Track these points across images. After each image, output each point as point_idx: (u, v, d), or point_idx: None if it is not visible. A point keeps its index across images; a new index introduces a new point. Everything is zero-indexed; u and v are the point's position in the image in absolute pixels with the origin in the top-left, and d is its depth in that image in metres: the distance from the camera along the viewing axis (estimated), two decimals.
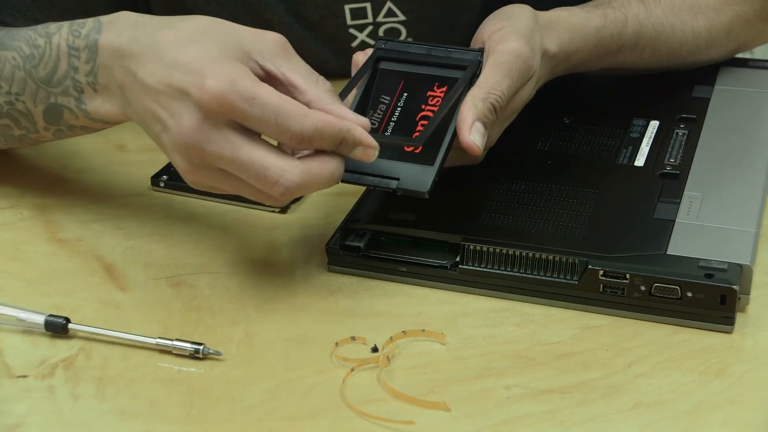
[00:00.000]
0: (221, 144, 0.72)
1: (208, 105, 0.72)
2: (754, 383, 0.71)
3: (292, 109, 0.72)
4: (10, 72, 0.83)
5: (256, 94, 0.72)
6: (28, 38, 0.83)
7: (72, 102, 0.82)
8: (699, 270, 0.75)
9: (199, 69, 0.72)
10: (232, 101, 0.71)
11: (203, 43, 0.74)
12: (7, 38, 0.85)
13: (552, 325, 0.77)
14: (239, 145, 0.72)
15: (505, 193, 0.84)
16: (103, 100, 0.81)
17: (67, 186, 0.93)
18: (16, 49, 0.83)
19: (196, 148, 0.73)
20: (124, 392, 0.71)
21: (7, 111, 0.85)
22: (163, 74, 0.74)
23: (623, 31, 0.93)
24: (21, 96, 0.84)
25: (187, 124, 0.73)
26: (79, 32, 0.81)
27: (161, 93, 0.74)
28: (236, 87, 0.71)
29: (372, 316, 0.78)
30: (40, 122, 0.85)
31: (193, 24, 0.76)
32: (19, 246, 0.86)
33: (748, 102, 0.97)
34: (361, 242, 0.81)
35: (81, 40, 0.80)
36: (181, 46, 0.74)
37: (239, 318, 0.78)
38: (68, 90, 0.82)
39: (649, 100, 0.96)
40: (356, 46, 1.05)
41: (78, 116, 0.83)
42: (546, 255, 0.78)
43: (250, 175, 0.73)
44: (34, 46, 0.83)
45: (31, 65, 0.83)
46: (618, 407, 0.69)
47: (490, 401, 0.70)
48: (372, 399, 0.70)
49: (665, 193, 0.83)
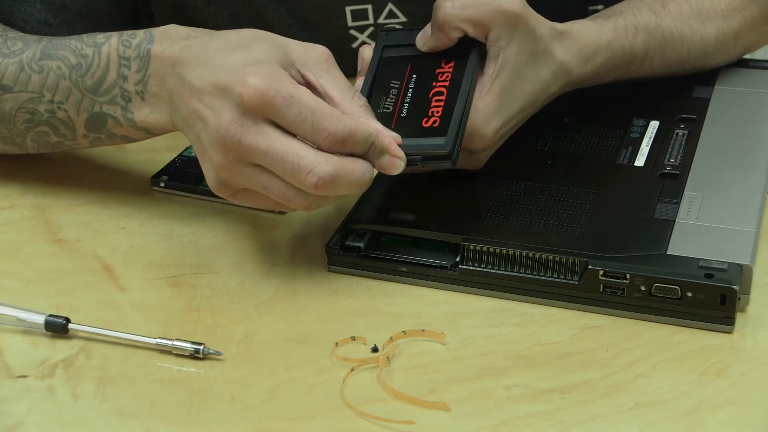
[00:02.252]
0: (258, 136, 0.75)
1: (248, 100, 0.74)
2: (754, 383, 0.71)
3: (328, 111, 0.75)
4: (54, 81, 0.85)
5: (294, 93, 0.74)
6: (74, 48, 0.85)
7: (118, 110, 0.84)
8: (699, 270, 0.75)
9: (243, 69, 0.75)
10: (271, 97, 0.74)
11: (250, 50, 0.78)
12: (51, 48, 0.86)
13: (552, 325, 0.77)
14: (275, 137, 0.75)
15: (505, 193, 0.84)
16: (150, 109, 0.83)
17: (67, 186, 0.93)
18: (62, 59, 0.85)
19: (233, 140, 0.75)
20: (124, 392, 0.71)
21: (47, 119, 0.87)
22: (209, 75, 0.77)
23: (634, 42, 0.92)
24: (63, 104, 0.85)
25: (227, 117, 0.75)
26: (130, 42, 0.83)
27: (206, 92, 0.77)
28: (276, 85, 0.74)
29: (372, 316, 0.78)
30: (80, 130, 0.86)
31: (243, 34, 0.80)
32: (19, 246, 0.86)
33: (748, 102, 0.97)
34: (361, 242, 0.82)
35: (132, 50, 0.83)
36: (229, 52, 0.78)
37: (239, 318, 0.78)
38: (115, 99, 0.84)
39: (649, 100, 0.96)
40: (357, 47, 1.05)
41: (122, 125, 0.85)
42: (546, 255, 0.78)
43: (285, 165, 0.74)
44: (82, 56, 0.84)
45: (78, 74, 0.84)
46: (618, 407, 0.69)
47: (490, 401, 0.70)
48: (372, 399, 0.70)
49: (665, 193, 0.83)
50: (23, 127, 0.88)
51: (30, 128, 0.88)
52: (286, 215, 0.88)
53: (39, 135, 0.88)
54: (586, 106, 0.95)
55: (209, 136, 0.76)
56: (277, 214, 0.88)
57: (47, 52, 0.86)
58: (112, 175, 0.94)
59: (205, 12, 1.04)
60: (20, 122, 0.88)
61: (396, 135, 0.78)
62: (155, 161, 0.94)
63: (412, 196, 0.84)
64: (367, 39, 1.05)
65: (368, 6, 1.04)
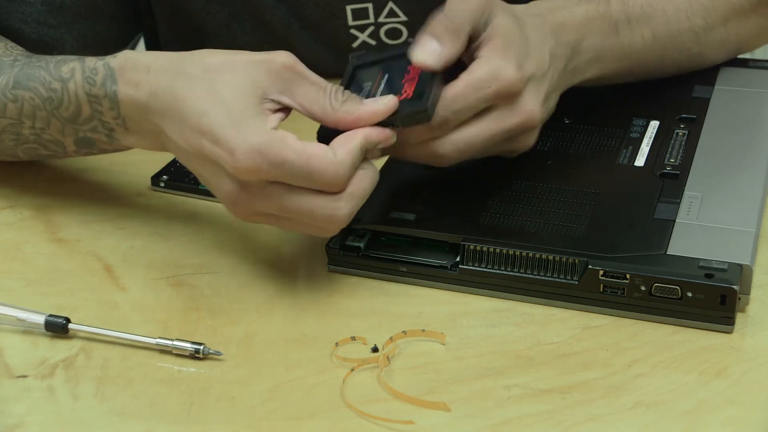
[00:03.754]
0: (265, 200, 0.75)
1: (244, 177, 0.74)
2: (754, 383, 0.71)
3: (322, 162, 0.74)
4: (31, 111, 0.84)
5: (284, 158, 0.73)
6: (42, 80, 0.84)
7: (103, 137, 0.84)
8: (699, 270, 0.75)
9: (225, 141, 0.74)
10: (265, 171, 0.74)
11: (222, 99, 0.75)
12: (22, 77, 0.85)
13: (552, 325, 0.77)
14: (283, 196, 0.75)
15: (505, 193, 0.84)
16: (137, 138, 0.82)
17: (67, 186, 0.93)
18: (33, 90, 0.84)
19: (244, 204, 0.76)
20: (124, 392, 0.71)
21: (33, 139, 0.86)
22: (192, 141, 0.76)
23: (608, 8, 0.91)
24: (47, 130, 0.85)
25: (229, 190, 0.76)
26: (93, 80, 0.81)
27: (196, 156, 0.77)
28: (265, 157, 0.73)
29: (372, 316, 0.78)
30: (70, 147, 0.86)
31: (207, 64, 0.77)
32: (19, 246, 0.86)
33: (748, 102, 0.96)
34: (361, 242, 0.82)
35: (98, 88, 0.81)
36: (201, 109, 0.75)
37: (239, 318, 0.78)
38: (97, 128, 0.83)
39: (649, 100, 0.96)
40: (357, 46, 1.05)
41: (112, 144, 0.84)
42: (546, 255, 0.78)
43: (303, 219, 0.76)
44: (51, 90, 0.83)
45: (52, 107, 0.83)
46: (618, 407, 0.69)
47: (490, 401, 0.70)
48: (372, 399, 0.70)
49: (665, 193, 0.83)
50: (11, 144, 0.88)
51: (18, 145, 0.88)
52: None
53: (29, 150, 0.88)
54: (586, 106, 0.95)
55: (219, 196, 0.77)
56: None
57: (19, 81, 0.85)
58: (112, 175, 0.94)
59: (205, 11, 1.04)
60: (7, 141, 0.87)
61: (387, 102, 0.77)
62: (155, 161, 0.94)
63: (412, 197, 0.84)
64: (367, 38, 1.05)
65: (369, 5, 1.04)
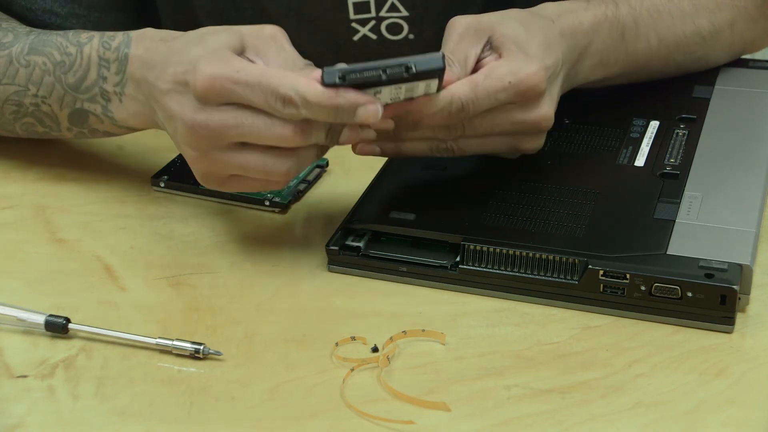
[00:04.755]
0: (223, 115, 0.76)
1: (201, 87, 0.76)
2: (754, 383, 0.71)
3: (275, 72, 0.76)
4: (39, 76, 0.88)
5: (240, 66, 0.76)
6: (59, 45, 0.87)
7: (98, 109, 0.86)
8: (699, 270, 0.75)
9: (195, 61, 0.77)
10: (221, 77, 0.76)
11: (205, 43, 0.79)
12: (38, 43, 0.88)
13: (552, 325, 0.77)
14: (240, 110, 0.76)
15: (505, 193, 0.84)
16: (129, 110, 0.86)
17: (67, 186, 0.93)
18: (47, 55, 0.87)
19: (201, 127, 0.77)
20: (124, 392, 0.71)
21: (32, 111, 0.89)
22: (170, 74, 0.79)
23: (617, 12, 0.92)
24: (47, 99, 0.88)
25: (190, 109, 0.77)
26: (109, 44, 0.85)
27: (170, 91, 0.79)
28: (224, 65, 0.76)
29: (372, 316, 0.78)
30: (64, 123, 0.89)
31: (203, 30, 0.82)
32: (19, 246, 0.86)
33: (748, 102, 0.97)
34: (361, 242, 0.82)
35: (111, 52, 0.85)
36: (187, 49, 0.80)
37: (239, 318, 0.78)
38: (95, 97, 0.86)
39: (649, 100, 0.96)
40: (357, 40, 1.05)
41: (103, 121, 0.87)
42: (546, 255, 0.78)
43: (259, 126, 0.76)
44: (66, 54, 0.87)
45: (61, 71, 0.87)
46: (618, 407, 0.69)
47: (490, 401, 0.70)
48: (372, 399, 0.70)
49: (665, 193, 0.83)
50: (11, 117, 0.90)
51: (17, 118, 0.90)
52: (286, 215, 0.88)
53: (26, 125, 0.91)
54: (586, 106, 0.95)
55: (181, 132, 0.79)
56: (278, 213, 0.88)
57: (34, 47, 0.88)
58: (112, 175, 0.94)
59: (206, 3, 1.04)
60: (8, 113, 0.90)
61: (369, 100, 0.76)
62: (155, 161, 0.94)
63: (412, 196, 0.84)
64: (368, 32, 1.05)
65: None
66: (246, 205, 0.89)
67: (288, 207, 0.89)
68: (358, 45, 1.05)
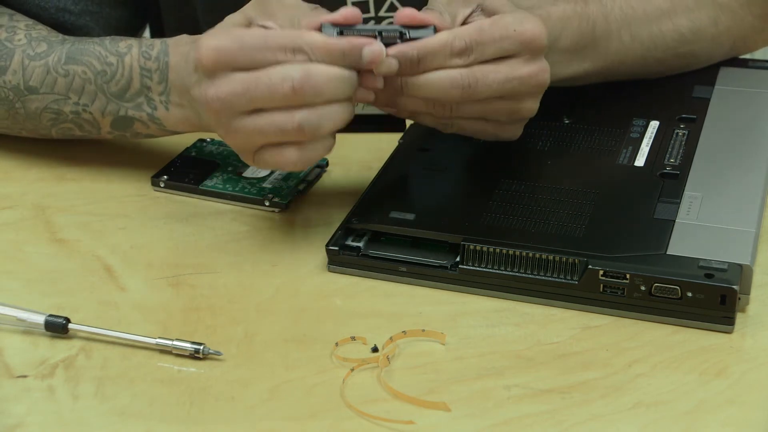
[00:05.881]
0: (230, 83, 0.78)
1: (206, 60, 0.78)
2: (754, 383, 0.71)
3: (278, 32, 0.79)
4: (80, 85, 0.88)
5: (242, 32, 0.79)
6: (98, 55, 0.88)
7: (144, 116, 0.88)
8: (699, 270, 0.75)
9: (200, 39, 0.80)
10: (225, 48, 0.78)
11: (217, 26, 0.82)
12: (76, 52, 0.89)
13: (552, 325, 0.77)
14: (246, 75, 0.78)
15: (505, 193, 0.84)
16: (177, 117, 0.87)
17: (67, 186, 0.93)
18: (87, 65, 0.88)
19: (215, 100, 0.79)
20: (124, 392, 0.71)
21: (72, 119, 0.90)
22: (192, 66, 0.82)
23: (586, 9, 0.91)
24: (89, 107, 0.89)
25: (203, 88, 0.79)
26: (149, 54, 0.87)
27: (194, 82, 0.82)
28: (227, 35, 0.79)
29: (372, 316, 0.78)
30: (105, 128, 0.90)
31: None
32: (19, 246, 0.86)
33: (748, 102, 0.97)
34: (361, 242, 0.82)
35: (152, 62, 0.86)
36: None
37: (239, 318, 0.78)
38: (141, 105, 0.88)
39: (649, 100, 0.96)
40: None
41: (149, 126, 0.89)
42: (546, 255, 0.78)
43: (263, 90, 0.78)
44: (107, 63, 0.88)
45: (103, 80, 0.88)
46: (618, 407, 0.69)
47: (490, 401, 0.70)
48: (372, 399, 0.70)
49: (665, 193, 0.83)
50: (48, 123, 0.91)
51: (55, 125, 0.91)
52: (286, 215, 0.88)
53: (64, 130, 0.91)
54: (586, 106, 0.95)
55: (206, 115, 0.81)
56: (278, 213, 0.88)
57: (72, 57, 0.89)
58: (112, 175, 0.94)
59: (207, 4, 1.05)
60: (45, 120, 0.91)
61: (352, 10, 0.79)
62: (155, 161, 0.94)
63: (412, 196, 0.84)
64: None
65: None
66: (246, 205, 0.89)
67: (288, 207, 0.89)
68: None
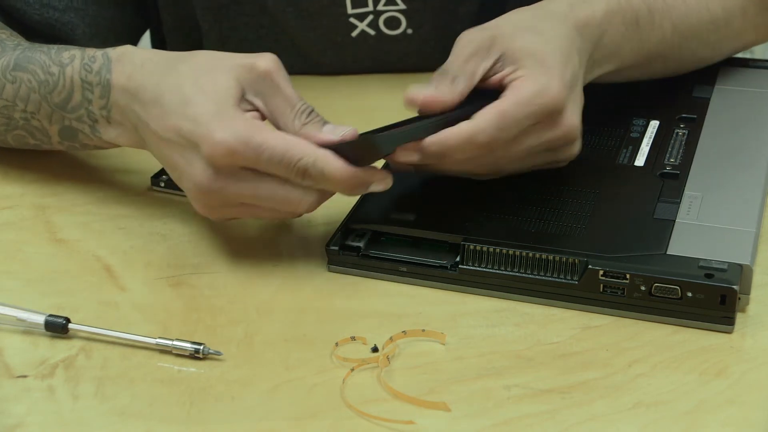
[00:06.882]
0: (239, 184, 0.77)
1: (220, 159, 0.76)
2: (754, 383, 0.71)
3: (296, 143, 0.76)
4: (26, 93, 0.87)
5: (261, 141, 0.76)
6: (42, 63, 0.86)
7: (86, 128, 0.86)
8: (699, 270, 0.75)
9: (206, 123, 0.76)
10: (242, 153, 0.75)
11: (204, 92, 0.78)
12: (23, 60, 0.87)
13: (552, 325, 0.77)
14: (257, 181, 0.77)
15: (505, 193, 0.84)
16: (117, 132, 0.85)
17: (67, 186, 0.93)
18: (32, 73, 0.87)
19: (216, 193, 0.78)
20: (124, 392, 0.71)
21: (22, 125, 0.89)
22: (172, 125, 0.78)
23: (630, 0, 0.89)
24: (36, 115, 0.87)
25: (203, 174, 0.77)
26: (90, 67, 0.84)
27: (173, 143, 0.78)
28: (243, 139, 0.75)
29: (372, 316, 0.78)
30: (54, 138, 0.88)
31: (194, 64, 0.80)
32: (19, 246, 0.86)
33: (748, 102, 0.97)
34: (361, 242, 0.81)
35: (93, 75, 0.84)
36: (185, 98, 0.78)
37: (239, 318, 0.78)
38: (82, 117, 0.85)
39: (649, 100, 0.96)
40: (356, 36, 1.05)
41: (92, 139, 0.87)
42: (546, 255, 0.78)
43: (275, 202, 0.78)
44: (49, 73, 0.86)
45: (46, 91, 0.86)
46: (618, 407, 0.69)
47: (490, 401, 0.70)
48: (372, 399, 0.70)
49: (665, 193, 0.83)
50: (2, 128, 0.90)
51: (9, 131, 0.90)
52: None
53: (17, 137, 0.90)
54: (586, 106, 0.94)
55: (190, 188, 0.79)
56: None
57: (19, 64, 0.87)
58: (112, 175, 0.94)
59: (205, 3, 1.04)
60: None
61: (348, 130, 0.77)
62: (155, 161, 0.93)
63: (412, 196, 0.84)
64: (366, 28, 1.05)
65: None
66: None
67: None
68: (356, 41, 1.05)
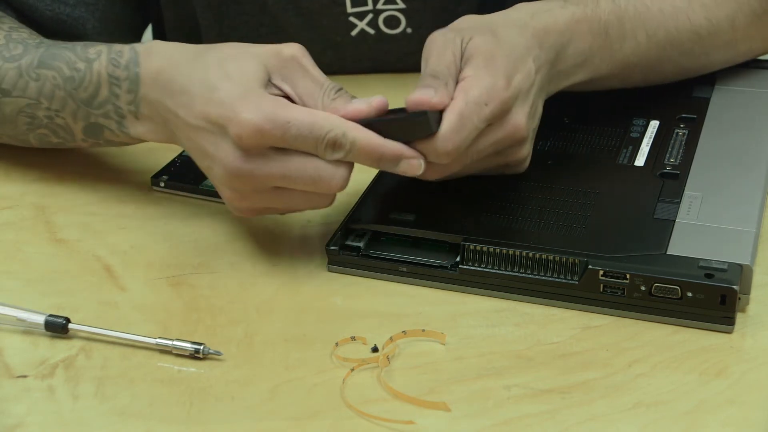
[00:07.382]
0: (269, 164, 0.77)
1: (247, 139, 0.76)
2: (754, 383, 0.71)
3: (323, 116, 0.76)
4: (50, 90, 0.87)
5: (288, 117, 0.76)
6: (68, 60, 0.86)
7: (113, 124, 0.86)
8: (699, 270, 0.75)
9: (231, 104, 0.76)
10: (269, 130, 0.75)
11: (230, 76, 0.78)
12: (48, 57, 0.87)
13: (552, 325, 0.77)
14: (286, 160, 0.76)
15: (505, 193, 0.84)
16: (146, 128, 0.85)
17: (67, 186, 0.93)
18: (57, 70, 0.86)
19: (246, 175, 0.77)
20: (124, 392, 0.71)
21: (46, 123, 0.88)
22: (200, 111, 0.78)
23: (597, 10, 0.88)
24: (61, 113, 0.87)
25: (232, 155, 0.77)
26: (118, 62, 0.84)
27: (201, 129, 0.78)
28: (270, 116, 0.75)
29: (372, 316, 0.78)
30: (78, 135, 0.88)
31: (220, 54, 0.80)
32: (19, 246, 0.86)
33: (748, 102, 0.97)
34: (361, 242, 0.82)
35: (121, 70, 0.84)
36: (209, 79, 0.78)
37: (239, 318, 0.78)
38: (109, 113, 0.85)
39: (649, 100, 0.96)
40: (356, 35, 1.05)
41: (119, 135, 0.86)
42: (546, 255, 0.78)
43: (306, 180, 0.77)
44: (75, 69, 0.86)
45: (72, 87, 0.86)
46: (618, 407, 0.69)
47: (490, 401, 0.70)
48: (372, 399, 0.70)
49: (665, 193, 0.83)
50: (25, 128, 0.89)
51: (31, 129, 0.89)
52: (286, 215, 0.88)
53: (40, 136, 0.90)
54: (586, 106, 0.95)
55: (220, 174, 0.78)
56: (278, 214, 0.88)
57: (44, 61, 0.87)
58: (112, 175, 0.94)
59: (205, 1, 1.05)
60: (22, 124, 0.89)
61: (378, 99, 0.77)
62: (155, 161, 0.94)
63: (412, 196, 0.84)
64: (366, 27, 1.05)
65: None
66: None
67: None
68: (356, 41, 1.05)
